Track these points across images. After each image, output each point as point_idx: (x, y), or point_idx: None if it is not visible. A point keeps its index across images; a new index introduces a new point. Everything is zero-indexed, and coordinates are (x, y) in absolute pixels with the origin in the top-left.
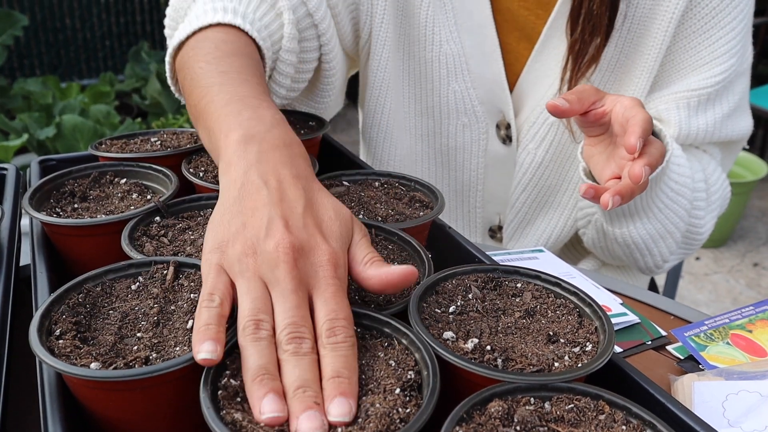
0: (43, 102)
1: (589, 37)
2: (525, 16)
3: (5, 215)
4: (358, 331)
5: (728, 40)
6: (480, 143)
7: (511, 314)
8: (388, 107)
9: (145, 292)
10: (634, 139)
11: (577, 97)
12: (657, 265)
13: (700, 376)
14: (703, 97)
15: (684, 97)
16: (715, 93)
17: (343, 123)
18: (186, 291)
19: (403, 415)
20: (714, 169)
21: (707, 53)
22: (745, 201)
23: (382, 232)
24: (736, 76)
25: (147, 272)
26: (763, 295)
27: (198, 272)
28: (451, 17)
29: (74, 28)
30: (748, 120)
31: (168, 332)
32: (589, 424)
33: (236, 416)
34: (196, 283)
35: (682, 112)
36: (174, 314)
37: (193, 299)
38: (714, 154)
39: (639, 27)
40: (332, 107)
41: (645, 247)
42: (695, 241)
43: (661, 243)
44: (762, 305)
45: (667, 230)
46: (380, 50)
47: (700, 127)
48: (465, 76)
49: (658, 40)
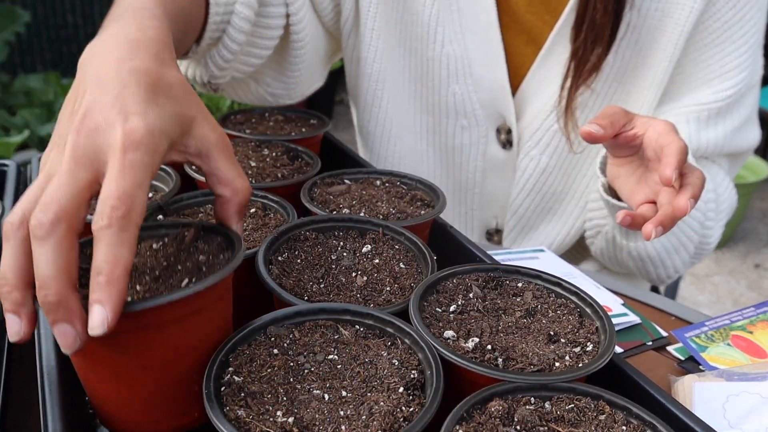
0: (44, 98)
1: (591, 45)
2: (531, 20)
3: (6, 211)
4: (361, 330)
5: (740, 54)
6: (479, 146)
7: (512, 314)
8: (386, 100)
9: (162, 251)
10: (670, 171)
11: (610, 121)
12: (669, 276)
13: (701, 377)
14: (713, 112)
15: (694, 111)
16: (726, 107)
17: (344, 121)
18: (198, 253)
19: (407, 414)
20: (723, 179)
21: (718, 67)
22: (747, 202)
23: (390, 231)
24: (747, 89)
25: (174, 234)
26: (764, 297)
27: (219, 237)
28: (457, 17)
29: (76, 24)
30: (756, 131)
31: (164, 289)
32: (590, 425)
33: (240, 413)
34: (210, 246)
35: (692, 126)
36: (177, 273)
37: (200, 261)
38: (722, 165)
39: (647, 38)
40: (305, 82)
41: (659, 260)
42: (704, 250)
43: (675, 255)
44: (763, 306)
45: (681, 243)
46: (375, 41)
47: (710, 141)
48: (467, 78)
49: (667, 53)
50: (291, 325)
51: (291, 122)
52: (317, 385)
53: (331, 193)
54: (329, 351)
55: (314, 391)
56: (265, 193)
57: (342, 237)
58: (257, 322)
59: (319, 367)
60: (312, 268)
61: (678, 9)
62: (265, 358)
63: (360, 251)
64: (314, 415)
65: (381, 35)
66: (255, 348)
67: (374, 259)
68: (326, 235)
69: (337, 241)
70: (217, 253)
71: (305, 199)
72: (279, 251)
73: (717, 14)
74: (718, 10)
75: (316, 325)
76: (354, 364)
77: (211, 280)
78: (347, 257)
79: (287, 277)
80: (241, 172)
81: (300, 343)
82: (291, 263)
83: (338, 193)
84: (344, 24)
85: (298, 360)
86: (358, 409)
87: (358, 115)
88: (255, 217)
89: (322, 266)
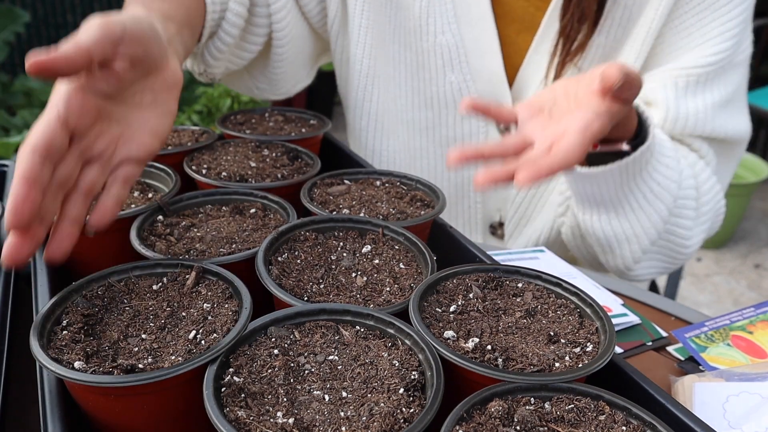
0: (44, 98)
1: (578, 23)
2: (524, 7)
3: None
4: (362, 331)
5: (722, 23)
6: (479, 136)
7: (512, 314)
8: (377, 96)
9: (164, 294)
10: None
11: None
12: (626, 266)
13: (701, 377)
14: (692, 78)
15: (672, 75)
16: (706, 76)
17: (344, 122)
18: (201, 300)
19: (407, 415)
20: (708, 177)
21: (699, 35)
22: (747, 202)
23: (390, 231)
24: (731, 65)
25: (172, 273)
26: (764, 297)
27: (219, 281)
28: (450, 8)
29: (76, 24)
30: (744, 120)
31: (171, 338)
32: (589, 425)
33: (240, 413)
34: (213, 292)
35: (669, 92)
36: (182, 321)
37: (205, 309)
38: (707, 157)
39: (633, 13)
40: (288, 80)
41: (608, 245)
42: (680, 254)
43: (625, 244)
44: (763, 307)
45: (635, 232)
46: (363, 37)
47: (690, 111)
48: (463, 68)
49: (647, 20)
50: (291, 325)
51: (291, 123)
52: (318, 385)
53: (331, 194)
54: (330, 352)
55: (314, 392)
56: (265, 193)
57: (342, 237)
58: (258, 322)
59: (319, 367)
60: (312, 269)
61: None
62: (266, 358)
63: (360, 251)
64: (314, 416)
65: (370, 32)
66: (255, 348)
67: (374, 259)
68: (326, 235)
69: (337, 242)
70: (222, 301)
71: (305, 199)
72: (279, 251)
73: None
74: None
75: (317, 326)
76: (354, 365)
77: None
78: (347, 257)
79: (287, 277)
80: None
81: (300, 344)
82: (291, 263)
83: (338, 193)
84: (332, 24)
85: (298, 361)
86: (358, 410)
87: (349, 112)
88: (255, 217)
89: (322, 266)
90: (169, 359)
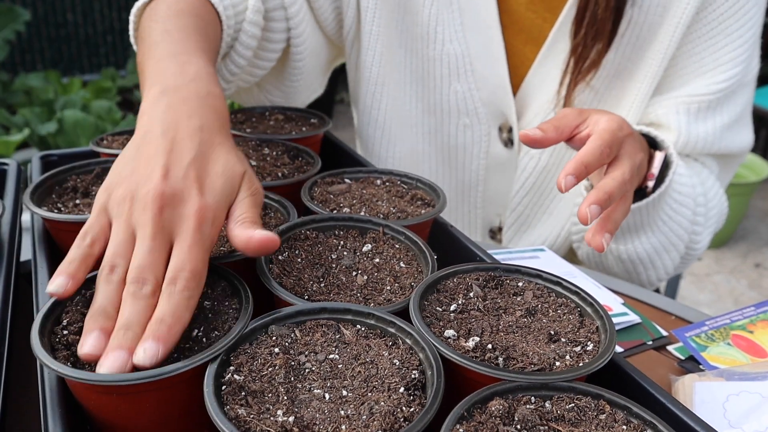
0: (44, 97)
1: (592, 42)
2: (532, 18)
3: (6, 210)
4: (362, 330)
5: (734, 48)
6: (481, 145)
7: (513, 313)
8: (385, 103)
9: None
10: (585, 207)
11: (554, 125)
12: (660, 278)
13: (701, 376)
14: (704, 104)
15: (684, 102)
16: (717, 101)
17: (345, 121)
18: (202, 298)
19: (407, 414)
20: (712, 184)
21: (711, 60)
22: (747, 202)
23: (390, 230)
24: (740, 86)
25: None
26: (764, 296)
27: (220, 279)
28: (457, 16)
29: (76, 23)
30: (748, 133)
31: None
32: (590, 424)
33: (240, 411)
34: (214, 290)
35: (681, 117)
36: None
37: (206, 307)
38: (712, 168)
39: (647, 34)
40: (303, 91)
41: (649, 261)
42: (691, 256)
43: (665, 255)
44: (763, 306)
45: (671, 242)
46: (373, 44)
47: (700, 135)
48: (468, 76)
49: (663, 46)
50: (292, 324)
51: (291, 121)
52: (318, 384)
53: (332, 193)
54: (330, 350)
55: (315, 391)
56: (266, 192)
57: (342, 236)
58: (258, 321)
59: (320, 366)
60: (312, 267)
61: (677, 2)
62: (266, 357)
63: (360, 250)
64: (315, 415)
65: (380, 38)
66: (256, 347)
67: (374, 258)
68: (326, 234)
69: (337, 241)
70: (222, 299)
71: (305, 198)
72: (279, 250)
73: (713, 5)
74: (715, 1)
75: (318, 325)
76: (355, 364)
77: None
78: (347, 256)
79: (287, 276)
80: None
81: (301, 343)
82: (291, 262)
83: (338, 192)
84: (347, 33)
85: (299, 359)
86: (358, 409)
87: (358, 118)
88: None
89: (322, 265)
90: (171, 357)
